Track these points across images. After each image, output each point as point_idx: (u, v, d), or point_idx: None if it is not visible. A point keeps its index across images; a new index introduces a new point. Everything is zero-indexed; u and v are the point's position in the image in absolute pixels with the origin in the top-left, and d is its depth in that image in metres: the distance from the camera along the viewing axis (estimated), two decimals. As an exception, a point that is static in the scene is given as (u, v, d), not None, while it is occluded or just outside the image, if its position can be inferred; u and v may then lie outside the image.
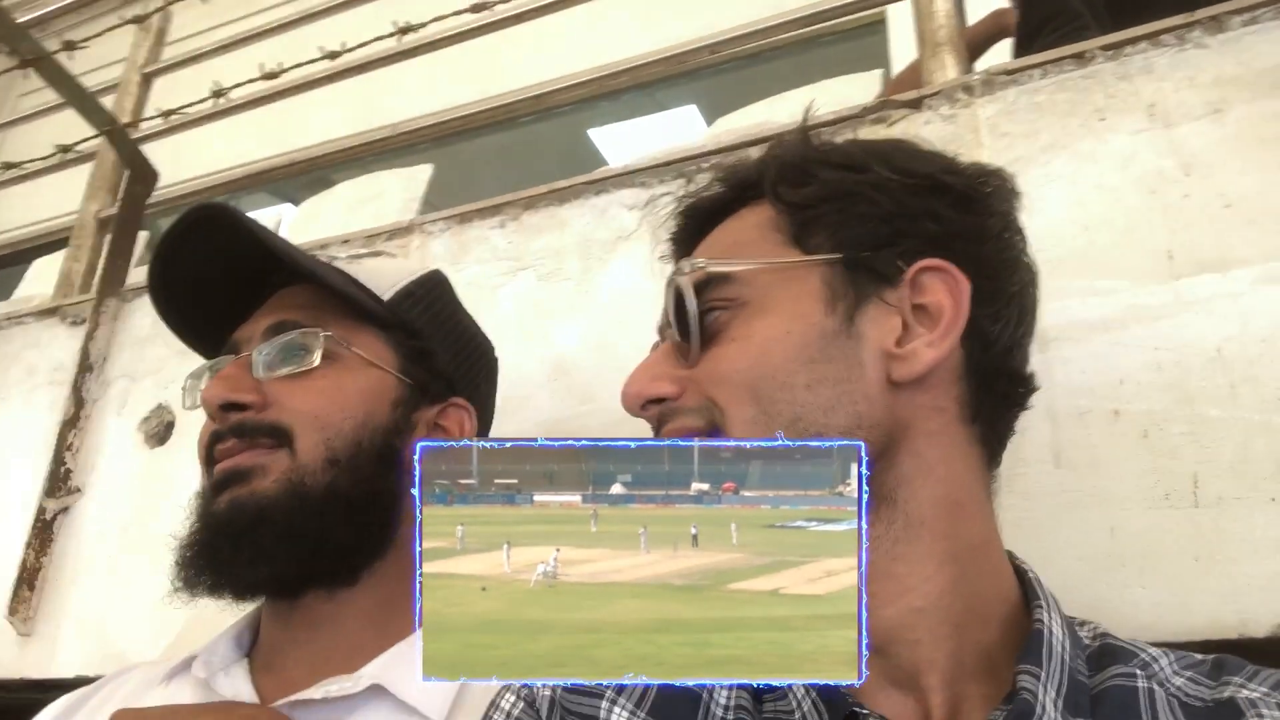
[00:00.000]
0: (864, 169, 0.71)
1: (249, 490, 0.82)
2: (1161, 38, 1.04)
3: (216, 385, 0.85)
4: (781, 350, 0.66)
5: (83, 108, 1.71)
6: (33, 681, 1.43)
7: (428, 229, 1.46)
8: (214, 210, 0.88)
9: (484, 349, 1.04)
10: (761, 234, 0.72)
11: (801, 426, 0.63)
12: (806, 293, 0.67)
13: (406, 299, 0.95)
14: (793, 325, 0.66)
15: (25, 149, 2.09)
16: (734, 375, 0.66)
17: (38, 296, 2.19)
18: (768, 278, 0.69)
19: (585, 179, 1.36)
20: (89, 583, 1.47)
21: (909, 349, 0.66)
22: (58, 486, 1.54)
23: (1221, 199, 0.95)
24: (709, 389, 0.67)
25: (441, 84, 3.40)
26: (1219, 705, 0.59)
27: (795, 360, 0.65)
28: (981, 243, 0.70)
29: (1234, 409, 0.88)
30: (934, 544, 0.64)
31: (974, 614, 0.64)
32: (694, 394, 0.68)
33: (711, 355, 0.68)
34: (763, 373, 0.65)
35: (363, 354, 0.89)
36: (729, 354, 0.67)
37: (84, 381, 1.61)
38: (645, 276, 1.26)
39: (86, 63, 1.83)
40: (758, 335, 0.67)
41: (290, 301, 0.91)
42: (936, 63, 1.22)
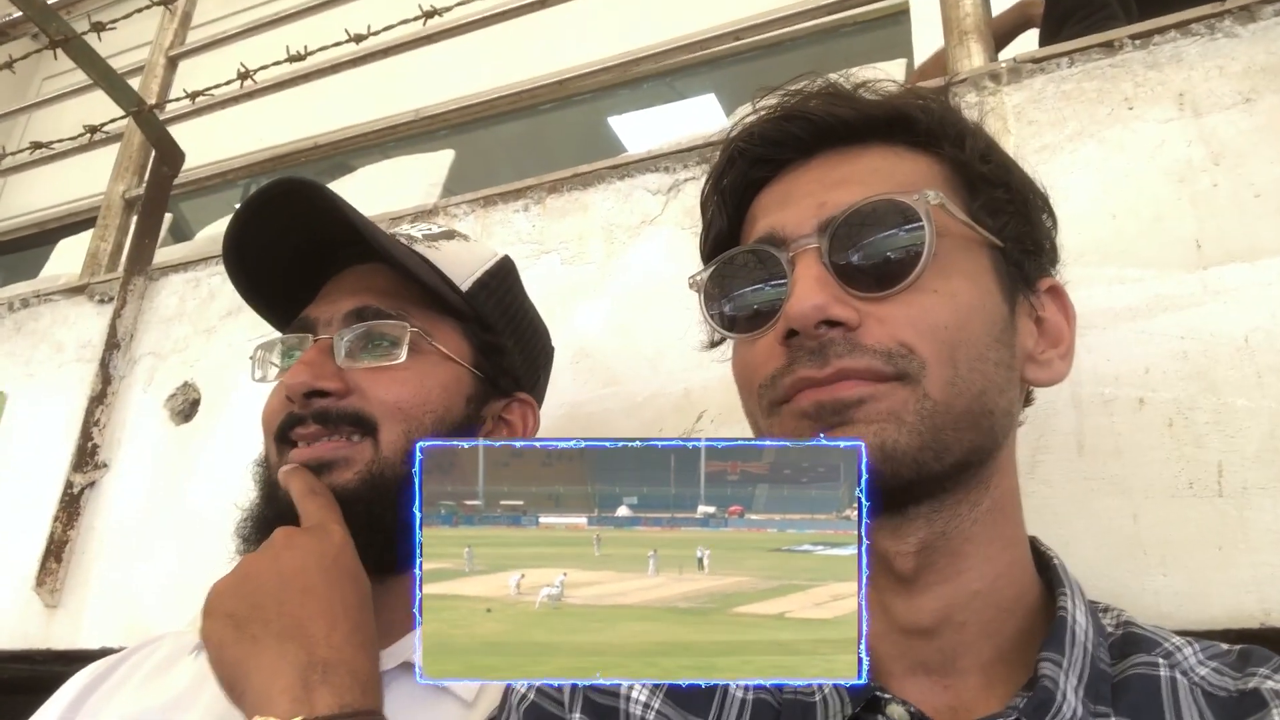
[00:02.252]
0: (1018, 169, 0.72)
1: (329, 482, 0.83)
2: (1191, 26, 1.04)
3: (301, 370, 0.84)
4: (981, 321, 0.64)
5: (111, 89, 1.72)
6: (58, 653, 1.45)
7: (451, 211, 1.47)
8: (296, 184, 0.88)
9: (545, 340, 1.05)
10: (932, 181, 0.67)
11: (984, 401, 0.63)
12: (984, 269, 0.66)
13: (482, 290, 0.95)
14: (986, 300, 0.65)
15: (51, 131, 2.11)
16: (940, 330, 0.61)
17: (65, 275, 2.21)
18: (954, 237, 0.65)
19: (609, 163, 1.36)
20: (115, 556, 1.49)
21: (1046, 357, 0.69)
22: (85, 461, 1.56)
23: (1251, 188, 0.94)
24: (903, 333, 0.61)
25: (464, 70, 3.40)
26: (1243, 696, 0.59)
27: (989, 335, 0.64)
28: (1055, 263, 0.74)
29: (1260, 399, 0.87)
30: (1001, 530, 0.65)
31: (1014, 602, 0.65)
32: (879, 332, 0.61)
33: (906, 299, 0.62)
34: (966, 337, 0.62)
35: (444, 349, 0.89)
36: (933, 305, 0.62)
37: (111, 359, 1.63)
38: (668, 260, 1.26)
39: (112, 46, 1.84)
40: (961, 296, 0.63)
41: (370, 284, 0.90)
42: (963, 50, 1.21)
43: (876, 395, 0.60)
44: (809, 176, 0.68)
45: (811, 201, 0.66)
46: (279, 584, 0.72)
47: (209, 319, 1.60)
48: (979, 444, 0.63)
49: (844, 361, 0.60)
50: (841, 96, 0.71)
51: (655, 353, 1.20)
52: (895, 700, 0.61)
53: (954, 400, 0.61)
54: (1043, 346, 0.69)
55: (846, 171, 0.67)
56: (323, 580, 0.73)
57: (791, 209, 0.67)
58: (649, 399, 1.18)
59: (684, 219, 1.26)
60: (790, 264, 0.65)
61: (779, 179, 0.70)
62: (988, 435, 0.63)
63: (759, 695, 0.65)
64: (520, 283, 1.04)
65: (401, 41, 1.73)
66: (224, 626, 0.70)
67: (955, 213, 0.65)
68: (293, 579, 0.72)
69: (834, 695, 0.61)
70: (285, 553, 0.74)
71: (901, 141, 0.69)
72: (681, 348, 1.17)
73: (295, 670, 0.66)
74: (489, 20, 1.70)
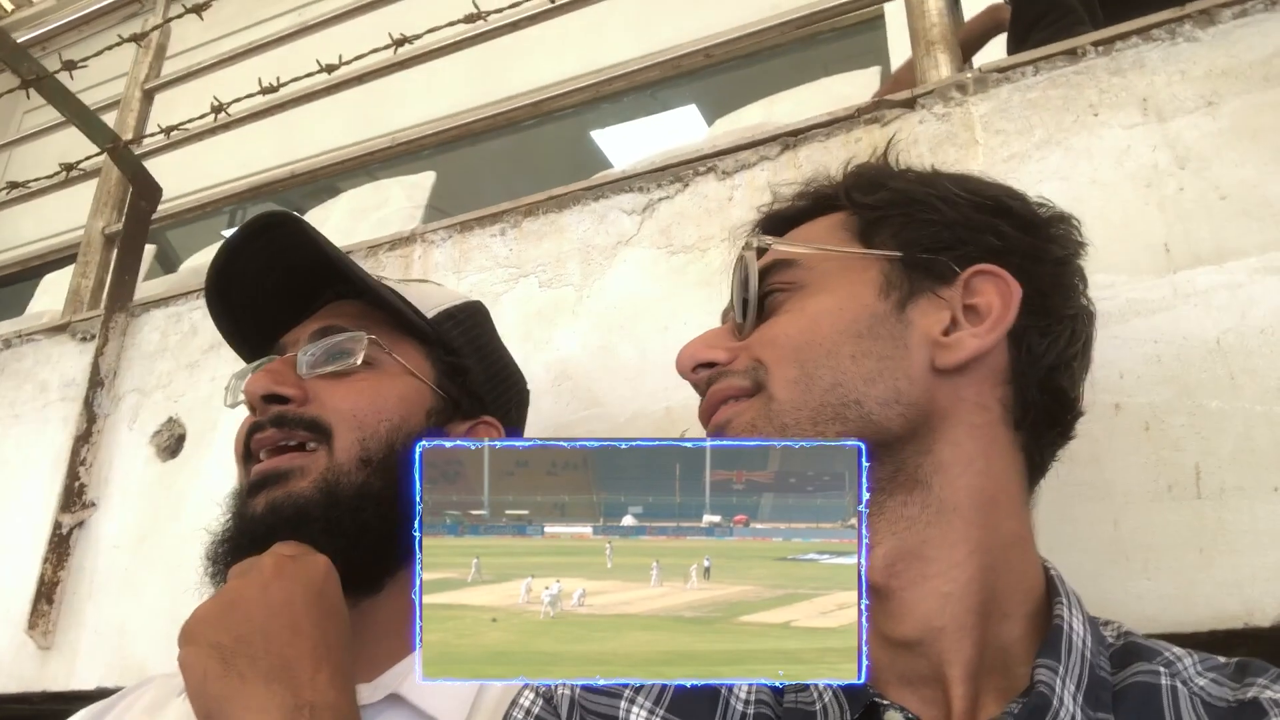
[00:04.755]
0: (933, 183, 0.76)
1: (285, 492, 0.83)
2: (1152, 32, 1.05)
3: (260, 377, 0.87)
4: (831, 323, 0.69)
5: (85, 126, 1.72)
6: (53, 694, 1.44)
7: (429, 238, 1.47)
8: (278, 218, 0.90)
9: (517, 378, 1.06)
10: (830, 232, 0.76)
11: (841, 393, 0.66)
12: (864, 280, 0.71)
13: (448, 319, 0.97)
14: (845, 304, 0.70)
15: (32, 165, 2.11)
16: (782, 339, 0.70)
17: (48, 313, 2.21)
18: (829, 266, 0.73)
19: (583, 185, 1.37)
20: (106, 595, 1.49)
21: (954, 338, 0.69)
22: (73, 501, 1.55)
23: (1217, 191, 0.95)
24: (757, 351, 0.70)
25: (443, 91, 3.41)
26: (1242, 706, 0.59)
27: (843, 333, 0.68)
28: (1039, 262, 0.73)
29: (1234, 400, 0.88)
30: (966, 531, 0.65)
31: (998, 606, 0.65)
32: (743, 358, 0.71)
33: (764, 326, 0.72)
34: (810, 339, 0.69)
35: (403, 361, 0.91)
36: (780, 323, 0.71)
37: (95, 397, 1.63)
38: (645, 279, 1.27)
39: (89, 79, 1.85)
40: (810, 309, 0.71)
41: (339, 311, 0.94)
42: (930, 61, 1.22)
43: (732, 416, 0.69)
44: None
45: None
46: (266, 617, 0.71)
47: (191, 353, 1.60)
48: (854, 434, 0.64)
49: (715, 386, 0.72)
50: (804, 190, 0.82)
51: (636, 373, 1.20)
52: (894, 707, 0.61)
53: (801, 396, 0.67)
54: (955, 330, 0.70)
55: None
56: (308, 617, 0.72)
57: None
58: (630, 419, 1.18)
59: (659, 238, 1.27)
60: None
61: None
62: (865, 425, 0.65)
63: (760, 710, 0.65)
64: (492, 325, 1.06)
65: (373, 69, 1.73)
66: (208, 657, 0.69)
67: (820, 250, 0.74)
68: (280, 612, 0.71)
69: (833, 704, 0.62)
70: (275, 583, 0.73)
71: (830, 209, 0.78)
72: (662, 367, 1.17)
73: (282, 713, 0.66)
74: (459, 45, 1.71)
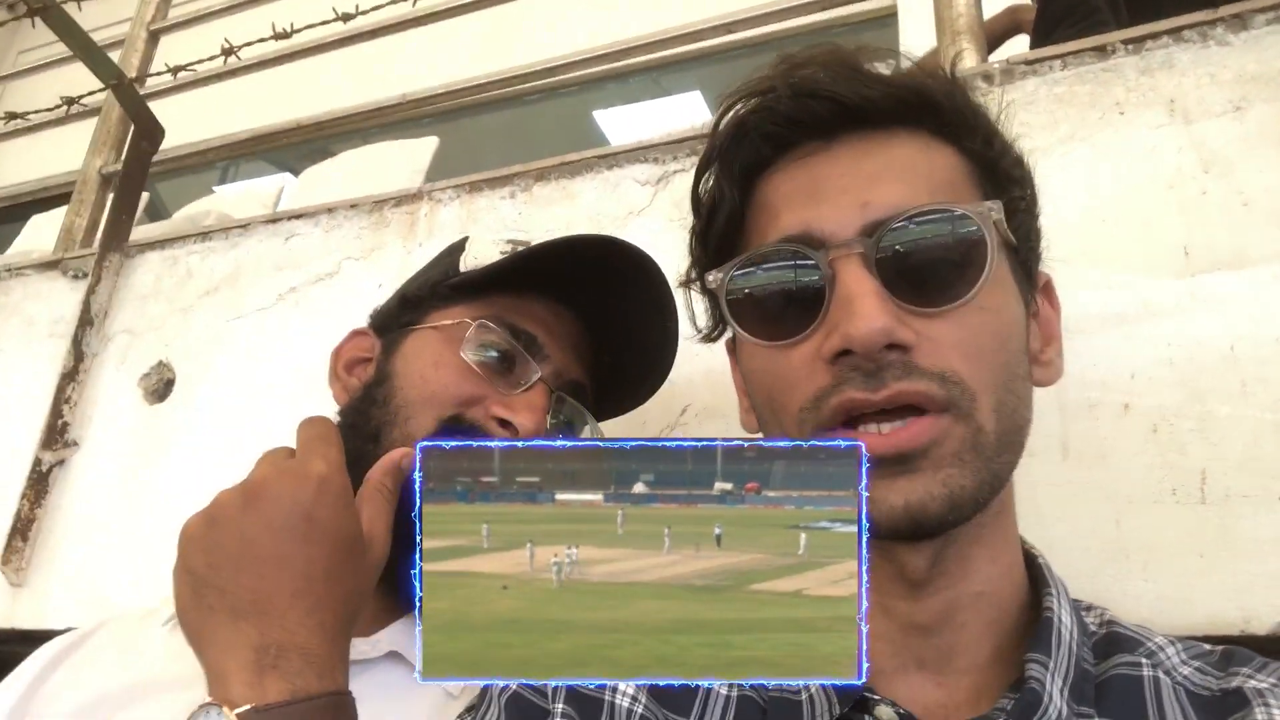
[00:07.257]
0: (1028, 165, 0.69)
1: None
2: (1184, 33, 1.04)
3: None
4: (1017, 338, 0.63)
5: (90, 60, 1.69)
6: (23, 632, 1.42)
7: (436, 196, 1.45)
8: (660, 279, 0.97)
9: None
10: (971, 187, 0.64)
11: (1017, 419, 0.61)
12: (1009, 275, 0.64)
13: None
14: (1018, 310, 0.63)
15: (25, 105, 2.06)
16: (985, 354, 0.59)
17: (37, 250, 2.17)
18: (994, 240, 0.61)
19: (597, 153, 1.35)
20: (83, 536, 1.46)
21: (1046, 357, 0.67)
22: (54, 439, 1.53)
23: (1239, 197, 0.95)
24: (955, 358, 0.58)
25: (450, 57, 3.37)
26: (1226, 695, 0.59)
27: (1022, 351, 0.63)
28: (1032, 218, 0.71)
29: (1245, 407, 0.88)
30: (1005, 532, 0.65)
31: (1010, 601, 0.65)
32: (931, 354, 0.58)
33: (956, 317, 0.59)
34: (1006, 359, 0.61)
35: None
36: (980, 326, 0.60)
37: (84, 335, 1.60)
38: (655, 252, 1.25)
39: (91, 21, 1.81)
40: (1004, 313, 0.61)
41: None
42: (955, 50, 1.21)
43: (938, 439, 0.57)
44: (839, 166, 0.63)
45: (851, 199, 0.61)
46: (240, 545, 0.64)
47: (186, 298, 1.57)
48: (1015, 461, 0.62)
49: (901, 385, 0.57)
50: (867, 75, 0.65)
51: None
52: (884, 701, 0.61)
53: (999, 426, 0.59)
54: (1040, 345, 0.68)
55: (880, 163, 0.62)
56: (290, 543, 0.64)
57: (828, 206, 0.62)
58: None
59: (672, 211, 1.25)
60: (830, 267, 0.60)
61: (795, 163, 0.65)
62: (1021, 449, 0.63)
63: (744, 692, 0.64)
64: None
65: (390, 22, 1.70)
66: (183, 583, 0.65)
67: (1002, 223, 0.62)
68: (256, 540, 0.64)
69: (821, 695, 0.61)
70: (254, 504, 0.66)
71: (927, 128, 0.65)
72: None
73: (250, 650, 0.60)
74: (477, 4, 1.68)
